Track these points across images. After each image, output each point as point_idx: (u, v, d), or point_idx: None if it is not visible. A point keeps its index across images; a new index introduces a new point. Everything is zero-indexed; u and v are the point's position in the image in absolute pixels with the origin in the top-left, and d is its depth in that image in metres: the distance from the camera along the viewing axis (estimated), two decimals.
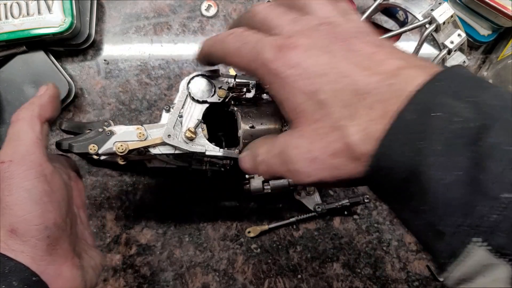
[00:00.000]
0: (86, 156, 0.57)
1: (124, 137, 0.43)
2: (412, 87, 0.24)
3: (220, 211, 0.60)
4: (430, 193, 0.23)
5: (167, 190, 0.59)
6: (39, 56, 0.56)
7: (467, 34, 0.60)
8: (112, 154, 0.44)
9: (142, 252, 0.58)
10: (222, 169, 0.54)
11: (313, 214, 0.58)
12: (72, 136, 0.48)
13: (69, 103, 0.58)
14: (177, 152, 0.44)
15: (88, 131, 0.47)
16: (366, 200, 0.58)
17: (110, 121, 0.48)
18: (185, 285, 0.58)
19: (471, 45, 0.62)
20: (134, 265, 0.58)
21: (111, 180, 0.59)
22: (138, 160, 0.53)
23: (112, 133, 0.43)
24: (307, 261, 0.60)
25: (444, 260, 0.24)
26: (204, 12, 0.61)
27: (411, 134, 0.24)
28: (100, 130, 0.44)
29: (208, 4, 0.61)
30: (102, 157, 0.45)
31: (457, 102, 0.23)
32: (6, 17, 0.54)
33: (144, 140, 0.43)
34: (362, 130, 0.25)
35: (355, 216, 0.61)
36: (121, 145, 0.42)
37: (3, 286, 0.29)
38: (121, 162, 0.46)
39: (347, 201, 0.58)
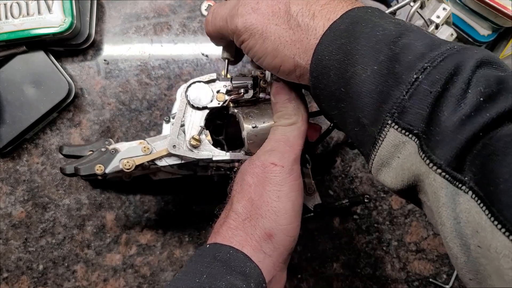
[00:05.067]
0: (89, 178, 0.57)
1: (129, 153, 0.43)
2: (344, 10, 0.30)
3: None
4: (354, 87, 0.28)
5: (167, 190, 0.59)
6: (39, 56, 0.56)
7: (467, 34, 0.60)
8: (119, 172, 0.43)
9: (142, 252, 0.58)
10: (228, 172, 0.53)
11: (313, 214, 0.58)
12: (74, 160, 0.48)
13: (69, 103, 0.58)
14: (183, 161, 0.43)
15: (90, 152, 0.46)
16: (366, 200, 0.58)
17: (111, 140, 0.48)
18: None
19: (471, 45, 0.62)
20: (134, 265, 0.58)
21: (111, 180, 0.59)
22: (142, 175, 0.53)
23: (116, 151, 0.43)
24: (307, 261, 0.60)
25: (368, 150, 0.29)
26: (204, 12, 0.61)
27: (342, 39, 0.29)
28: (103, 149, 0.44)
29: (208, 4, 0.61)
30: (107, 177, 0.45)
31: (382, 21, 0.29)
32: (6, 17, 0.54)
33: (150, 153, 0.43)
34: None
35: (355, 216, 0.61)
36: (128, 162, 0.42)
37: (244, 285, 0.31)
38: (125, 180, 0.46)
39: (347, 201, 0.58)
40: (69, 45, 0.58)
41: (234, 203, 0.37)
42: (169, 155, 0.43)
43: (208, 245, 0.35)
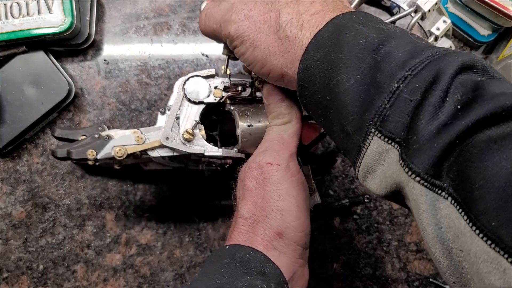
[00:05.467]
0: (80, 162, 0.57)
1: (122, 141, 0.43)
2: (329, 18, 0.31)
3: (220, 211, 0.60)
4: (338, 96, 0.29)
5: (167, 190, 0.59)
6: (39, 56, 0.56)
7: (467, 34, 0.60)
8: (111, 159, 0.43)
9: (142, 252, 0.58)
10: (219, 168, 0.54)
11: (313, 214, 0.58)
12: (66, 143, 0.48)
13: (69, 103, 0.58)
14: (175, 154, 0.43)
15: (83, 136, 0.46)
16: (366, 200, 0.58)
17: (104, 126, 0.48)
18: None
19: (471, 45, 0.62)
20: (134, 265, 0.58)
21: (111, 180, 0.59)
22: (133, 164, 0.53)
23: (109, 137, 0.43)
24: (307, 261, 0.60)
25: (354, 157, 0.29)
26: None
27: (326, 48, 0.30)
28: (96, 135, 0.44)
29: None
30: (98, 163, 0.45)
31: (365, 28, 0.29)
32: (6, 17, 0.54)
33: (142, 143, 0.43)
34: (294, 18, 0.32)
35: (355, 216, 0.61)
36: (120, 149, 0.42)
37: (265, 285, 0.32)
38: (116, 167, 0.46)
39: (347, 201, 0.58)
40: (69, 45, 0.58)
41: (240, 209, 0.37)
42: (162, 146, 0.43)
43: (227, 246, 0.36)
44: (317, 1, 0.32)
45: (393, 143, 0.26)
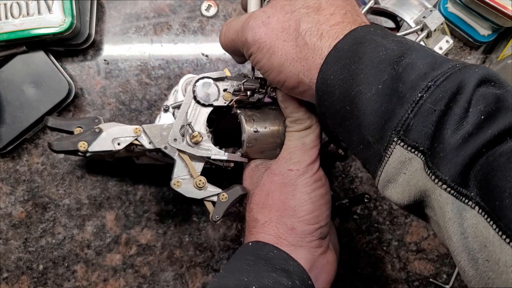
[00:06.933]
0: (68, 153, 0.56)
1: (119, 133, 0.43)
2: (348, 30, 0.31)
3: None
4: (358, 106, 0.29)
5: (167, 190, 0.59)
6: (39, 56, 0.56)
7: (467, 34, 0.60)
8: (104, 152, 0.43)
9: (142, 252, 0.58)
10: (213, 166, 0.53)
11: None
12: (62, 135, 0.47)
13: (69, 103, 0.58)
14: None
15: (79, 128, 0.45)
16: (366, 200, 0.58)
17: (100, 117, 0.47)
18: (185, 285, 0.58)
19: (471, 45, 0.62)
20: (134, 265, 0.58)
21: (111, 180, 0.59)
22: (125, 157, 0.52)
23: (101, 130, 0.43)
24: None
25: (374, 166, 0.30)
26: (204, 12, 0.61)
27: (346, 59, 0.30)
28: (97, 130, 0.43)
29: (208, 4, 0.61)
30: (88, 154, 0.44)
31: (384, 40, 0.30)
32: (6, 17, 0.54)
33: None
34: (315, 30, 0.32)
35: (355, 216, 0.61)
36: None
37: (290, 282, 0.33)
38: (108, 159, 0.46)
39: (347, 201, 0.58)
40: (69, 45, 0.58)
41: (254, 213, 0.40)
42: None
43: (250, 243, 0.38)
44: (337, 13, 0.32)
45: (416, 152, 0.27)
